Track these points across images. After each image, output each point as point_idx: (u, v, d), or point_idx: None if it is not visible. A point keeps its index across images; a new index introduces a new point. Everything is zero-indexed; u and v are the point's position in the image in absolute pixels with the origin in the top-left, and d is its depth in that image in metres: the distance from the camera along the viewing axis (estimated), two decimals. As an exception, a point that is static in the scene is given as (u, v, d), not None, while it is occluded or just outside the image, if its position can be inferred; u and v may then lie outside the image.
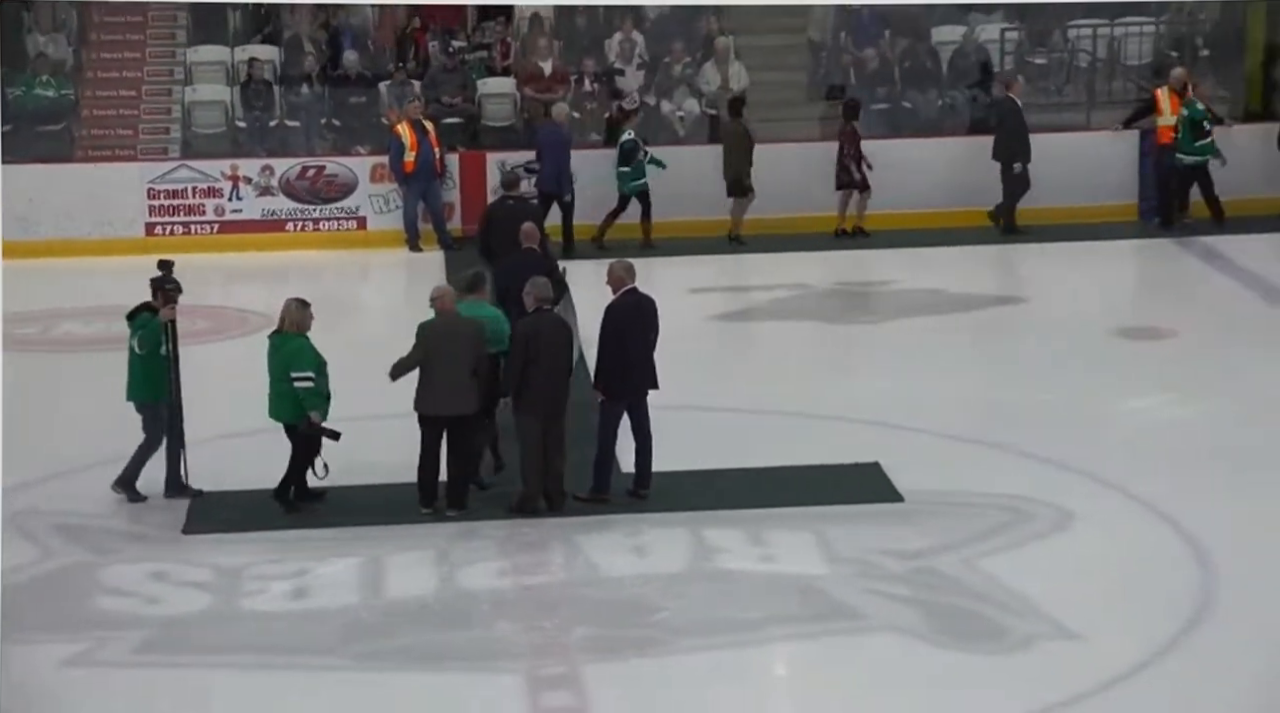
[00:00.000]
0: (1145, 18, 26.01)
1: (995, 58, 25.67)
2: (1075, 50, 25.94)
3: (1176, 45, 25.78)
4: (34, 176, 23.66)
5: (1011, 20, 26.01)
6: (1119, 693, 11.43)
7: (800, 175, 23.61)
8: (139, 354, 14.61)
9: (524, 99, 24.78)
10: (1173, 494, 14.43)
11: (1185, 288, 21.69)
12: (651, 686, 11.84)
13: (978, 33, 25.75)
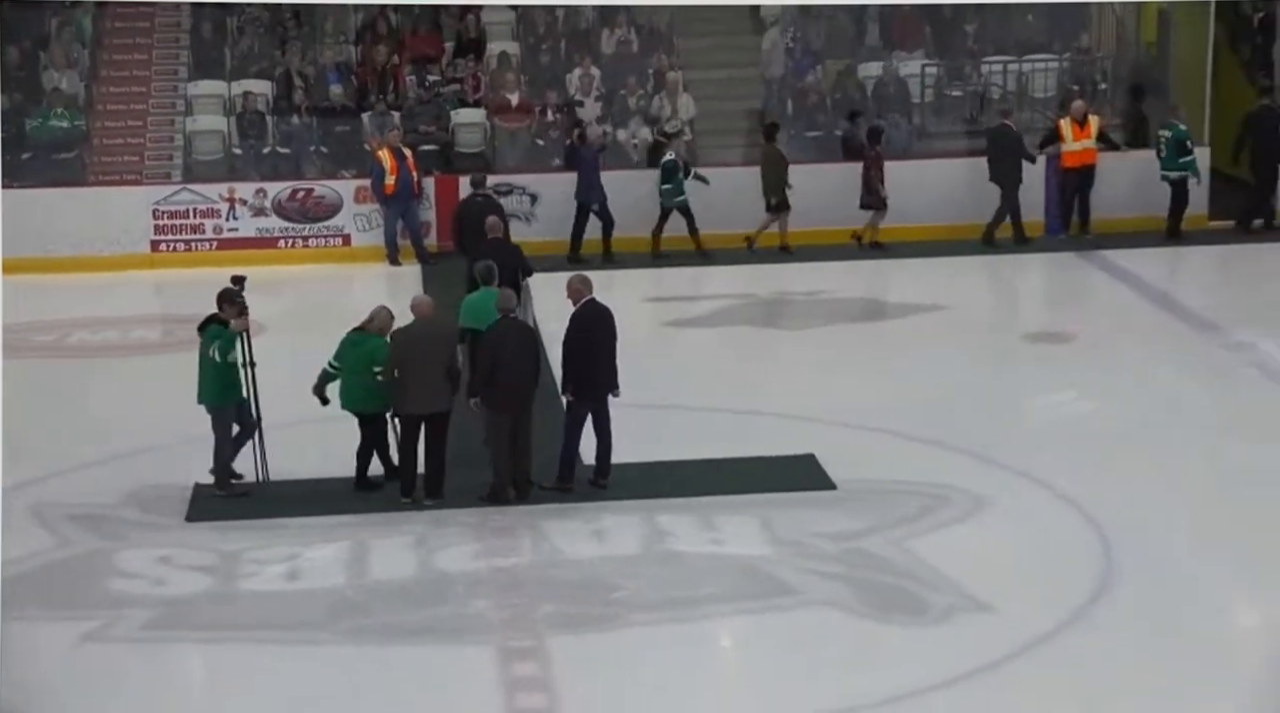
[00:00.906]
0: (1050, 55, 26.06)
1: (915, 91, 25.68)
2: (988, 84, 25.97)
3: (1077, 80, 25.83)
4: (49, 199, 23.72)
5: (931, 57, 26.05)
6: (1028, 659, 11.49)
7: (743, 196, 23.54)
8: (217, 361, 14.50)
9: (495, 130, 24.74)
10: (1075, 480, 14.50)
11: (1085, 296, 21.78)
12: (610, 656, 11.87)
13: (899, 68, 25.75)
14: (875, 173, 23.54)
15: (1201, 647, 11.82)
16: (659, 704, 11.11)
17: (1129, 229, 23.70)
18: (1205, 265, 22.89)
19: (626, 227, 23.31)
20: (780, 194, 23.30)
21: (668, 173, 23.13)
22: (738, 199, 23.46)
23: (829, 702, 10.98)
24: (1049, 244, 23.58)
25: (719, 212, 23.34)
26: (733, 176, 23.83)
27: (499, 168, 23.70)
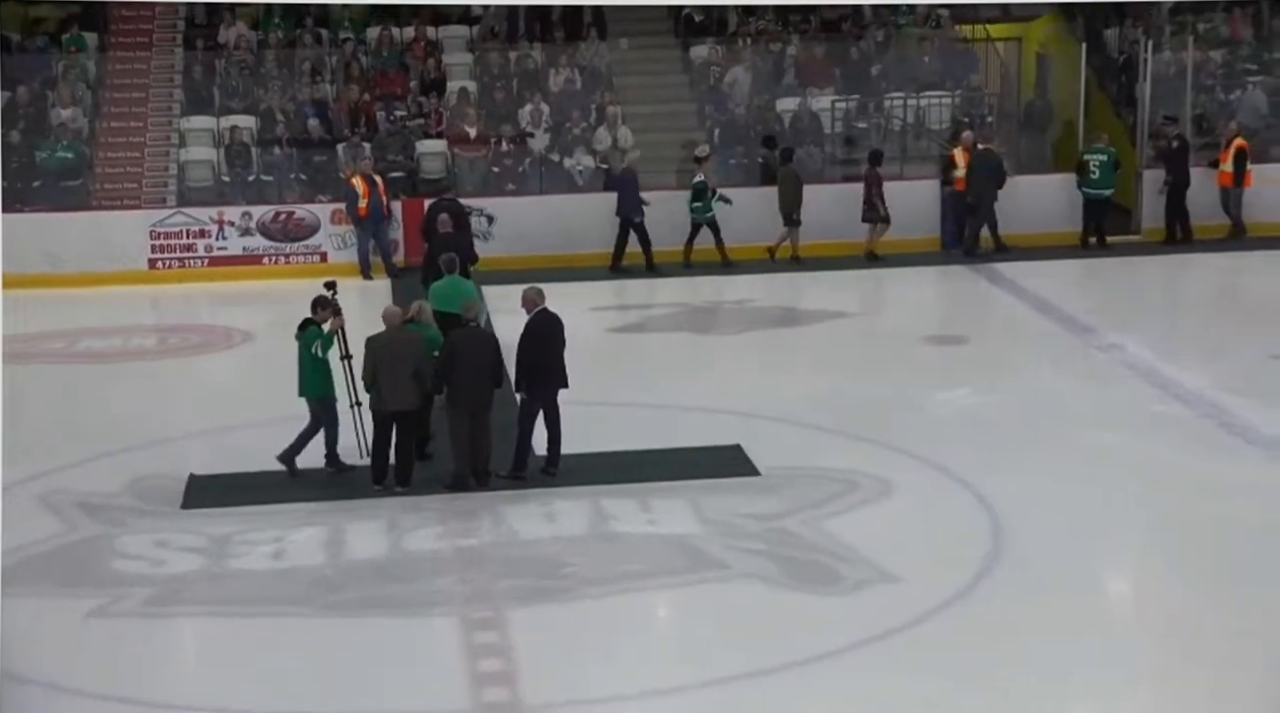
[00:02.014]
0: (944, 92, 26.17)
1: (826, 123, 25.73)
2: (890, 117, 26.06)
3: (967, 114, 25.94)
4: (57, 222, 23.63)
5: (840, 93, 26.10)
6: (929, 626, 11.52)
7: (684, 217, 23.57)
8: (319, 357, 14.59)
9: (455, 159, 24.69)
10: (971, 466, 14.53)
11: (977, 303, 21.85)
12: (562, 625, 11.83)
13: (812, 103, 25.80)
14: (875, 190, 23.57)
15: (1079, 613, 11.87)
16: (605, 667, 11.08)
17: (1015, 244, 23.76)
18: (1078, 275, 22.98)
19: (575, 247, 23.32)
20: (796, 210, 23.31)
21: (698, 192, 23.26)
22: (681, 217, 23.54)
23: (755, 664, 10.94)
24: (943, 258, 23.63)
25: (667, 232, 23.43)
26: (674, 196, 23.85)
27: (459, 192, 23.59)
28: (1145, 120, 24.96)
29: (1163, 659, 11.14)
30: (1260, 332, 19.47)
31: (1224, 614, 11.60)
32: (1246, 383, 16.93)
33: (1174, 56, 25.74)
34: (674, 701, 10.66)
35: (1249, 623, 11.44)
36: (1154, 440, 15.37)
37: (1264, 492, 14.02)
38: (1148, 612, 12.25)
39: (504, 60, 26.36)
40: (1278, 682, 10.63)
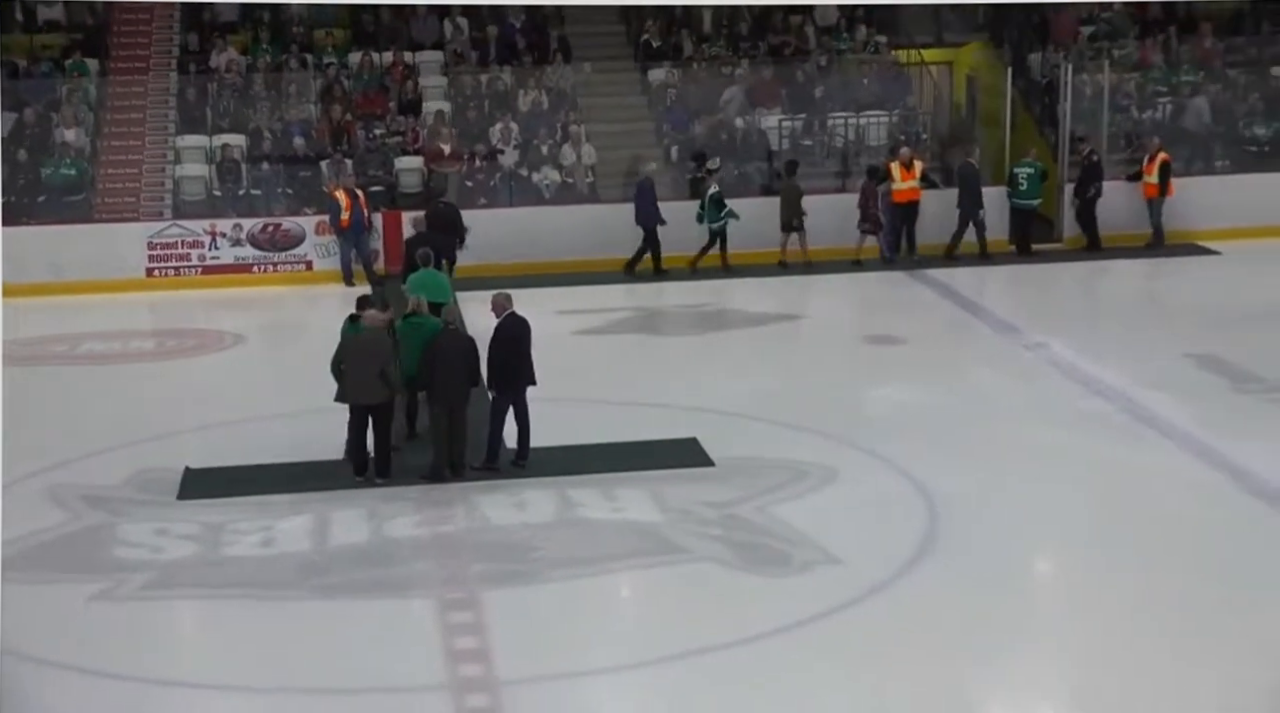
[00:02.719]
0: (882, 112, 26.20)
1: (774, 140, 25.75)
2: (832, 135, 26.09)
3: (904, 132, 25.98)
4: (61, 234, 23.43)
5: (786, 113, 26.13)
6: (871, 603, 11.59)
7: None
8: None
9: (431, 173, 24.63)
10: (910, 456, 14.55)
11: (914, 307, 21.82)
12: (532, 605, 11.81)
13: (760, 122, 25.82)
14: (872, 202, 23.56)
15: (1009, 593, 11.96)
16: (573, 644, 11.07)
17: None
18: (1006, 281, 23.02)
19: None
20: (798, 218, 23.30)
21: (715, 203, 23.17)
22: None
23: (711, 640, 10.95)
24: (883, 265, 23.64)
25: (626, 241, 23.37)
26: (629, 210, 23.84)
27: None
28: (1066, 138, 25.08)
29: (1088, 637, 11.16)
30: (1174, 332, 19.59)
31: (1144, 595, 11.68)
32: (1161, 380, 17.00)
33: (1092, 79, 25.84)
34: (637, 674, 10.68)
35: (1166, 603, 11.51)
36: (1077, 433, 15.41)
37: (1178, 480, 14.10)
38: (1073, 593, 12.29)
39: (476, 82, 26.30)
40: (1200, 649, 10.68)
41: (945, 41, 27.95)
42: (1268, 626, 11.11)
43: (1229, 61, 27.09)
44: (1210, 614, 11.28)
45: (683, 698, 10.36)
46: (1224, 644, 10.80)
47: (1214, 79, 26.76)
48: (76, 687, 10.67)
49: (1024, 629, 11.31)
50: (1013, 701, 10.47)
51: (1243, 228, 24.17)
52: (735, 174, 24.98)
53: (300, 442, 15.36)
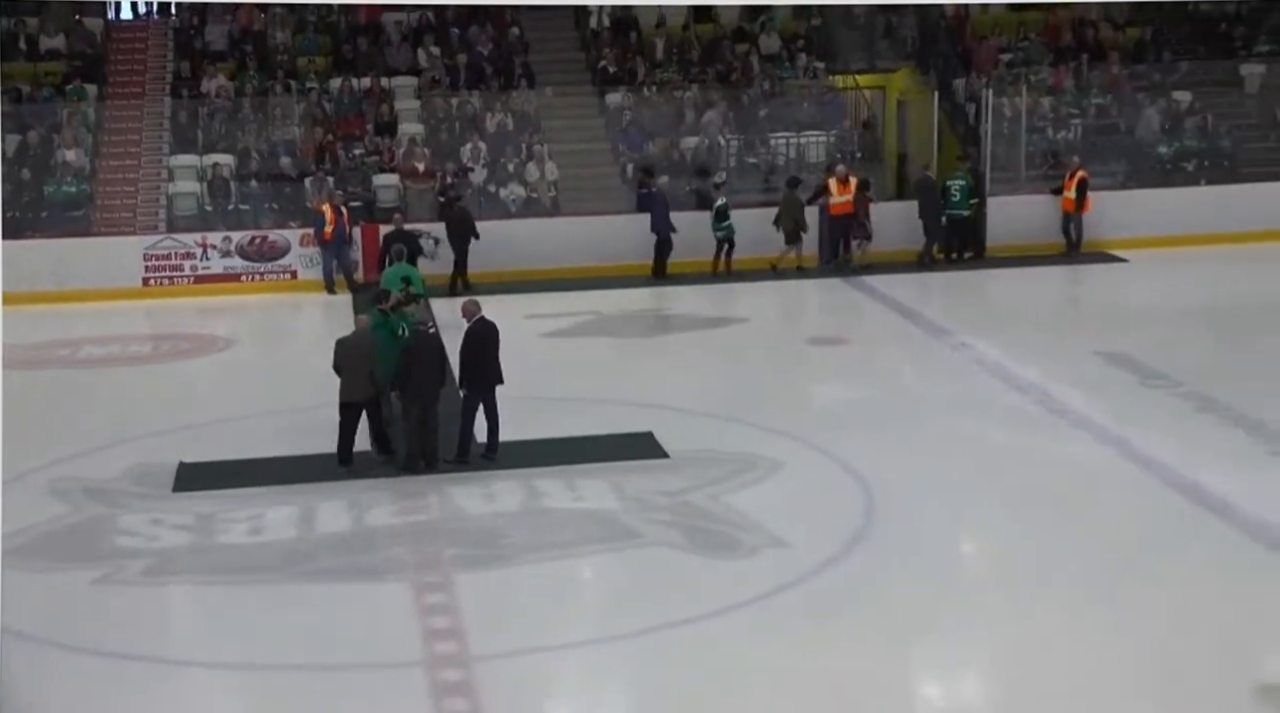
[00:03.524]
0: (821, 132, 26.27)
1: (722, 158, 25.76)
2: (775, 153, 26.13)
3: (840, 150, 26.03)
4: (63, 247, 23.31)
5: (732, 133, 26.14)
6: (813, 582, 11.58)
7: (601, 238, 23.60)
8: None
9: (406, 189, 24.54)
10: (848, 447, 14.57)
11: (851, 311, 21.91)
12: (501, 587, 11.78)
13: (709, 139, 25.82)
14: (864, 212, 23.60)
15: (939, 571, 11.99)
16: (538, 622, 11.03)
17: (881, 260, 23.84)
18: (936, 286, 23.10)
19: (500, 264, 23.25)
20: (796, 228, 23.37)
21: (720, 213, 23.30)
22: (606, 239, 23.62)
23: (666, 618, 10.95)
24: (822, 272, 23.68)
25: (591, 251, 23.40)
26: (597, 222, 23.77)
27: (410, 218, 23.42)
28: (988, 156, 25.19)
29: (1013, 607, 11.21)
30: (1085, 333, 19.71)
31: (1064, 566, 11.74)
32: (1075, 376, 17.09)
33: (1010, 103, 25.97)
34: (598, 649, 10.65)
35: (1079, 575, 11.56)
36: (1000, 424, 15.48)
37: (1090, 467, 14.16)
38: (999, 567, 12.33)
39: (447, 106, 26.25)
40: (1113, 619, 10.73)
41: (878, 68, 28.03)
42: (1169, 595, 11.18)
43: (1134, 86, 27.28)
44: (1117, 585, 11.38)
45: (641, 671, 10.35)
46: (1131, 612, 10.89)
47: (1123, 102, 26.96)
48: (80, 665, 10.57)
49: (953, 603, 11.32)
50: (943, 667, 10.49)
51: (1147, 238, 24.34)
52: (686, 190, 24.96)
53: (286, 437, 15.31)
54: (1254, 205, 24.75)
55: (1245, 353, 18.23)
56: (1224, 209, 24.71)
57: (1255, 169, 26.05)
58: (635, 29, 27.66)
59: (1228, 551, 12.01)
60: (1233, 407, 15.57)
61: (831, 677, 9.86)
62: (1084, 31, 28.20)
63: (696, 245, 23.34)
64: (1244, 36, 28.26)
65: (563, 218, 24.35)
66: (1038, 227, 24.49)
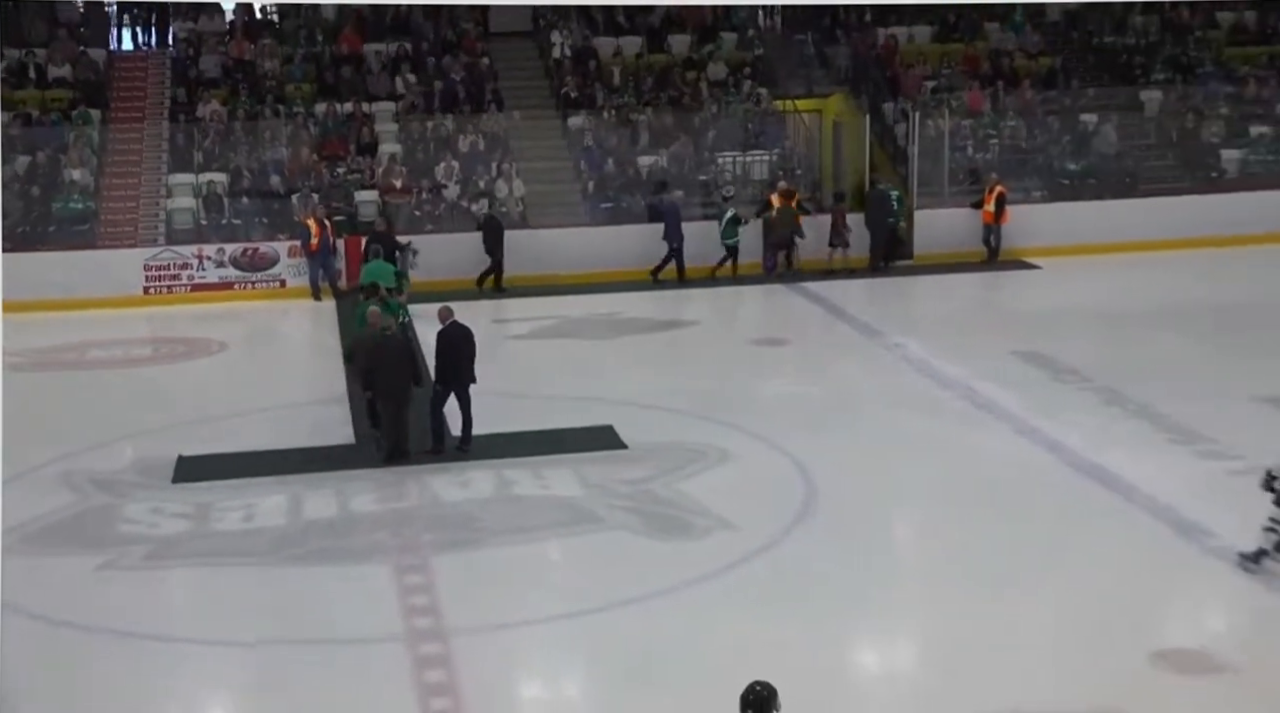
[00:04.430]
0: (763, 151, 26.28)
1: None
2: (722, 170, 26.11)
3: (782, 167, 26.04)
4: (70, 258, 23.04)
5: (680, 149, 26.09)
6: (759, 560, 11.62)
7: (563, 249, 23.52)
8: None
9: (385, 204, 24.42)
10: (790, 438, 14.61)
11: (792, 314, 21.91)
12: (475, 567, 11.76)
13: (663, 158, 25.81)
14: (840, 221, 23.70)
15: (874, 549, 12.05)
16: (509, 599, 11.02)
17: (819, 267, 23.87)
18: (869, 291, 23.14)
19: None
20: (791, 237, 23.48)
21: (731, 223, 23.30)
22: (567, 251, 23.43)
23: (626, 595, 10.96)
24: (765, 279, 23.71)
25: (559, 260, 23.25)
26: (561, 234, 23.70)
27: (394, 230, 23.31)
28: (914, 173, 25.29)
29: (939, 582, 11.26)
30: (1005, 334, 19.78)
31: (984, 545, 11.79)
32: (994, 373, 17.15)
33: (934, 124, 26.06)
34: (565, 623, 10.62)
35: (999, 554, 11.62)
36: (927, 417, 15.52)
37: (1008, 455, 14.24)
38: (928, 547, 12.39)
39: (423, 128, 26.11)
40: (1029, 592, 10.79)
41: (815, 93, 28.07)
42: (1080, 571, 11.26)
43: (1045, 110, 27.43)
44: (1033, 561, 11.43)
45: (603, 643, 10.34)
46: (1045, 586, 10.95)
47: (1035, 125, 27.12)
48: (86, 643, 10.49)
49: (885, 579, 11.37)
50: (876, 637, 10.54)
51: (1058, 247, 24.48)
52: (642, 205, 24.95)
53: (276, 432, 15.24)
54: (1153, 217, 24.92)
55: (1147, 351, 18.36)
56: (1127, 220, 24.89)
57: (1154, 185, 26.25)
58: (595, 58, 27.63)
59: (1134, 530, 12.10)
60: (1136, 399, 15.69)
61: (775, 646, 9.87)
62: (1000, 61, 28.33)
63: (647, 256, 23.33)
64: (1143, 65, 28.48)
65: (529, 230, 24.16)
66: (960, 237, 24.59)
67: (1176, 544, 11.75)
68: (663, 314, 21.35)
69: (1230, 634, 10.29)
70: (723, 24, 28.82)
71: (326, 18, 28.34)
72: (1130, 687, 9.25)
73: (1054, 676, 9.48)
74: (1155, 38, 29.36)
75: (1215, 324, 19.70)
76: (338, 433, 15.23)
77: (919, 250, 24.64)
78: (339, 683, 9.74)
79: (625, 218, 24.79)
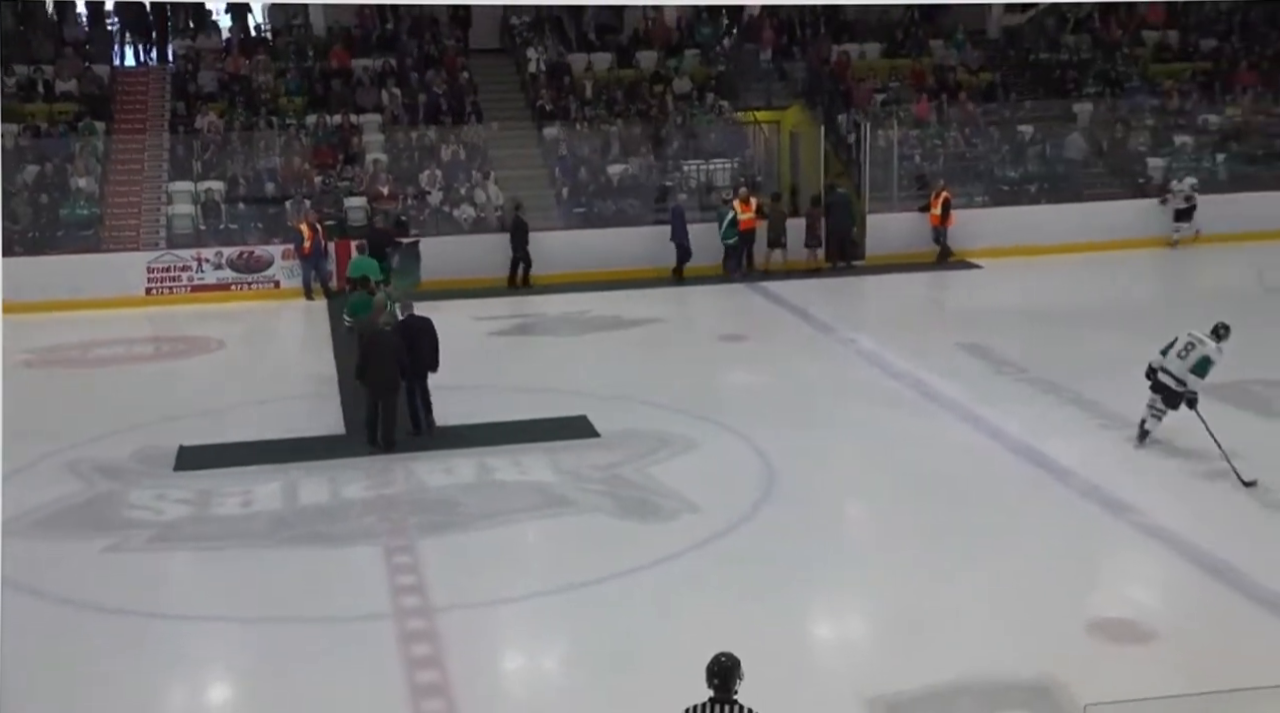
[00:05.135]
0: (726, 159, 26.30)
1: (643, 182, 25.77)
2: (687, 178, 26.12)
3: (743, 175, 26.05)
4: (76, 262, 22.89)
5: (647, 158, 26.10)
6: (724, 539, 11.63)
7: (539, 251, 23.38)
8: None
9: (372, 209, 24.33)
10: (751, 426, 14.63)
11: (753, 312, 21.93)
12: (459, 548, 11.72)
13: (632, 166, 25.80)
14: (816, 223, 23.84)
15: (830, 529, 12.08)
16: (491, 578, 11.00)
17: (779, 269, 23.90)
18: (824, 290, 23.17)
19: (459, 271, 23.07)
20: (783, 236, 23.61)
21: (731, 225, 23.42)
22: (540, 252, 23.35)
23: (599, 573, 10.97)
24: (727, 278, 23.73)
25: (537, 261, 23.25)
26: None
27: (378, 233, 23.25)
28: (866, 179, 25.34)
29: (891, 558, 11.30)
30: (950, 328, 19.89)
31: (932, 523, 11.85)
32: (941, 365, 17.24)
33: (884, 134, 26.14)
34: (543, 600, 10.63)
35: (945, 532, 11.68)
36: (880, 407, 15.57)
37: (953, 441, 14.31)
38: (880, 527, 12.41)
39: (408, 138, 26.03)
40: (973, 565, 10.85)
41: (773, 105, 28.10)
42: (1019, 546, 11.33)
43: (986, 121, 27.56)
44: (976, 537, 11.51)
45: (578, 617, 10.34)
46: (988, 559, 11.01)
47: (977, 135, 27.23)
48: (94, 621, 10.45)
49: (841, 556, 11.41)
50: (835, 610, 10.58)
51: (998, 248, 24.60)
52: (613, 209, 24.95)
53: (272, 424, 15.16)
54: (1086, 220, 25.08)
55: (1079, 344, 18.47)
56: (1062, 224, 25.03)
57: (1087, 190, 26.42)
58: (568, 73, 27.59)
59: (1068, 509, 12.19)
60: (1069, 389, 15.80)
61: (739, 620, 9.91)
62: (944, 75, 28.44)
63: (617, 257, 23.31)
64: (1075, 80, 28.65)
65: (507, 234, 24.14)
66: (909, 239, 24.68)
67: (1106, 521, 11.84)
68: (632, 313, 21.35)
69: (1155, 605, 10.38)
70: (687, 41, 28.85)
71: (318, 35, 28.27)
72: (1067, 654, 9.32)
73: (997, 645, 9.53)
74: (1087, 55, 29.56)
75: (1144, 319, 19.82)
76: (329, 424, 15.17)
77: (870, 252, 24.71)
78: (332, 657, 9.71)
79: (598, 221, 24.74)
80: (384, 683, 9.27)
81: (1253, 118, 28.12)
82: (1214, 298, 20.02)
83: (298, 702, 9.18)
